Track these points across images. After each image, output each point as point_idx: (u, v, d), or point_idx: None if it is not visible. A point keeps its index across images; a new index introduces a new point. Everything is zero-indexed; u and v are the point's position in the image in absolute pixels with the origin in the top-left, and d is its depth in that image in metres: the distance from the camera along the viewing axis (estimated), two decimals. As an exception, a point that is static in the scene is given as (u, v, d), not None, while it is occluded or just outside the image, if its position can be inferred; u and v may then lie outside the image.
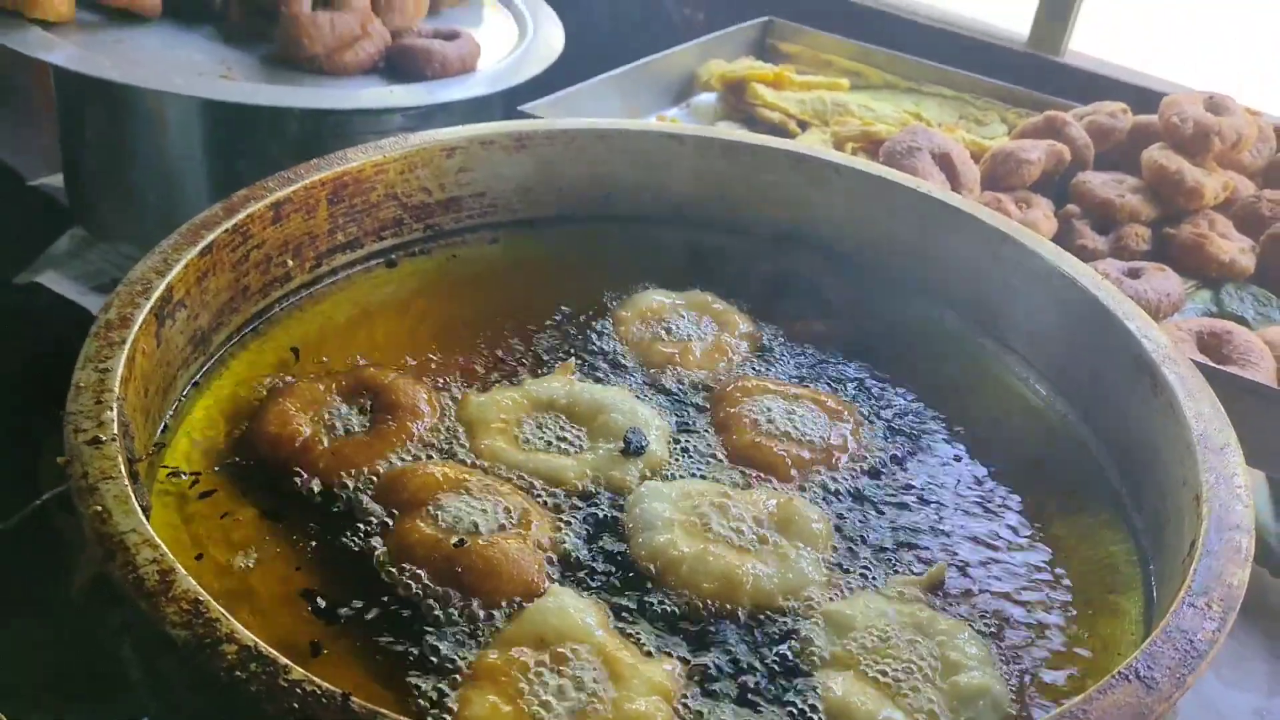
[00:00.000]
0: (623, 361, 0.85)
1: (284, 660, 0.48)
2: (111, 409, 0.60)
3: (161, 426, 0.72)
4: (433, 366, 0.82)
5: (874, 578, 0.68)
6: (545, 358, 0.84)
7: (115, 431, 0.59)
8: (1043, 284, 0.85)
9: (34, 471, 1.56)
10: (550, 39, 1.49)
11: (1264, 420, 0.96)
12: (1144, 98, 1.40)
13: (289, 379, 0.77)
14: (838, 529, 0.72)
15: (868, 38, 1.63)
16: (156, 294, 0.69)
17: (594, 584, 0.65)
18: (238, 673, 0.47)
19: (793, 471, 0.75)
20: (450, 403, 0.78)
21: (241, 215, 0.77)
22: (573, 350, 0.85)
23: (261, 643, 0.48)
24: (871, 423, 0.82)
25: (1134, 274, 1.14)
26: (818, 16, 1.71)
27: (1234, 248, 1.22)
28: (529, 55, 1.43)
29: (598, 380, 0.82)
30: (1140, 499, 0.74)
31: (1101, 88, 1.49)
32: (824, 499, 0.74)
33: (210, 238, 0.75)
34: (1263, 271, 1.21)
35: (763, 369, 0.87)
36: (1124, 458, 0.77)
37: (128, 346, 0.65)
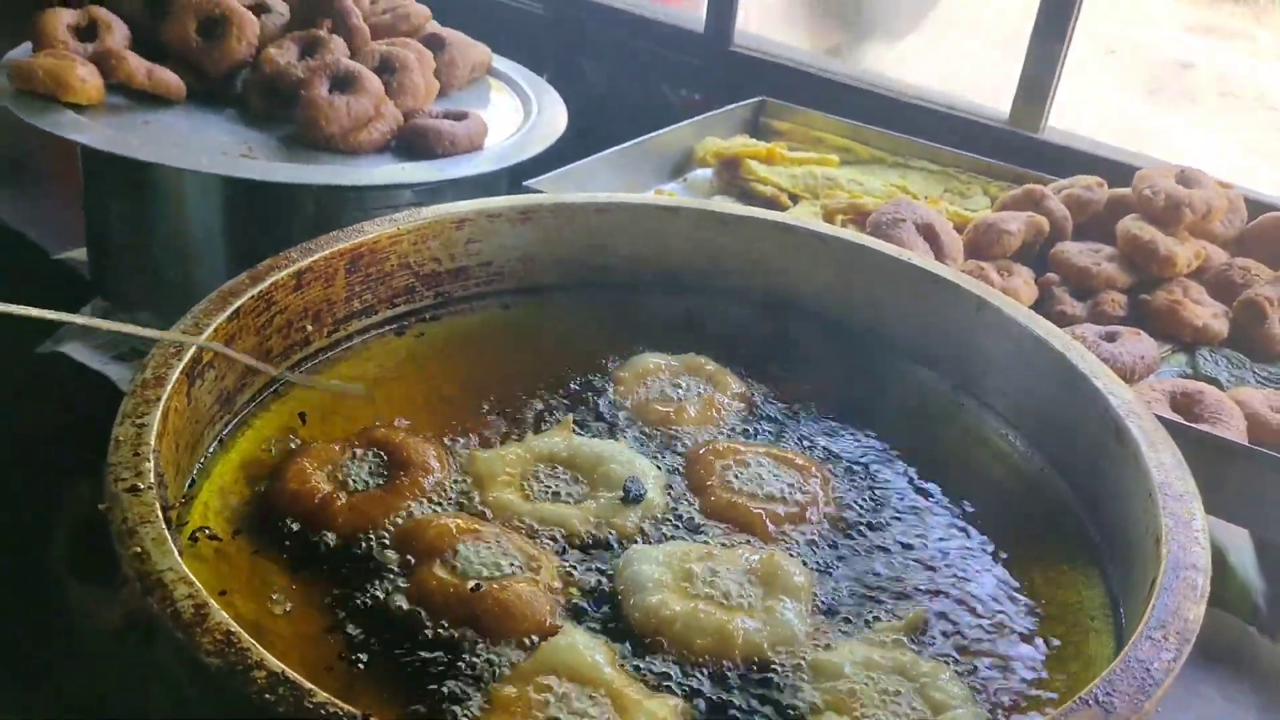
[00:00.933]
0: (621, 419, 0.90)
1: (309, 685, 0.52)
2: (148, 460, 0.65)
3: (189, 480, 0.76)
4: (442, 425, 0.87)
5: (857, 625, 0.73)
6: (548, 416, 0.89)
7: (152, 480, 0.64)
8: (1017, 345, 0.90)
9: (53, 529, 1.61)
10: (554, 118, 1.56)
11: (1234, 475, 1.00)
12: (1120, 171, 1.47)
13: (301, 442, 0.82)
14: (820, 580, 0.76)
15: (857, 116, 1.70)
16: (188, 355, 0.74)
17: (598, 626, 0.70)
18: (267, 695, 0.52)
19: (770, 527, 0.79)
20: (459, 458, 0.83)
21: (266, 283, 0.83)
22: (574, 409, 0.90)
23: (288, 669, 0.53)
24: (851, 477, 0.86)
25: (1110, 338, 1.19)
26: (809, 96, 1.79)
27: (1207, 313, 1.27)
28: (533, 134, 1.50)
29: (598, 437, 0.87)
30: (1111, 545, 0.79)
31: (1079, 162, 1.56)
32: (804, 552, 0.78)
33: (237, 303, 0.80)
34: (1236, 335, 1.27)
35: (753, 426, 0.92)
36: (1095, 507, 0.82)
37: (162, 404, 0.70)
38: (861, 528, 0.81)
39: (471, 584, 0.69)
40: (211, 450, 0.80)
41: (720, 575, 0.73)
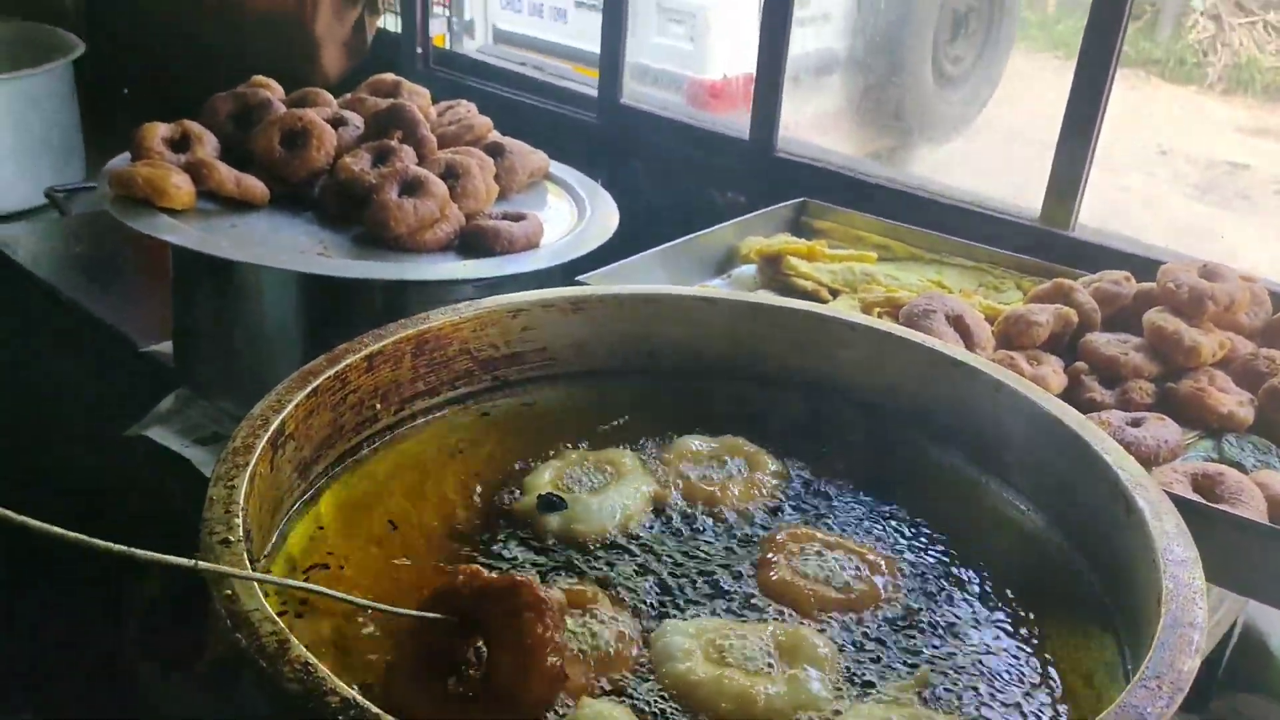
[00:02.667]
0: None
1: (375, 709, 0.59)
2: (238, 518, 0.73)
3: (269, 544, 0.85)
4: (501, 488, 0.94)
5: (877, 689, 0.78)
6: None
7: (241, 535, 0.72)
8: (1034, 424, 0.96)
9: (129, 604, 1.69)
10: (606, 219, 1.66)
11: (1255, 554, 1.04)
12: (1147, 266, 1.53)
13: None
14: (840, 649, 0.81)
15: (894, 215, 1.79)
16: (273, 427, 0.83)
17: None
18: (340, 717, 0.59)
19: (816, 610, 0.85)
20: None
21: (342, 364, 0.92)
22: (619, 483, 0.98)
23: (358, 695, 0.60)
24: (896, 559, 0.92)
25: (1136, 423, 1.24)
26: (849, 197, 1.88)
27: (1233, 400, 1.31)
28: (586, 233, 1.60)
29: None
30: (1123, 611, 0.83)
31: (1108, 258, 1.62)
32: (833, 630, 0.83)
33: (316, 383, 0.89)
34: (1262, 422, 1.31)
35: (789, 504, 0.98)
36: (1108, 575, 0.86)
37: (249, 469, 0.78)
38: (887, 598, 0.87)
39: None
40: (289, 515, 0.88)
41: (746, 646, 0.79)
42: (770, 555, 0.90)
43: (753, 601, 0.85)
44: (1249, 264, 1.50)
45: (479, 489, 0.96)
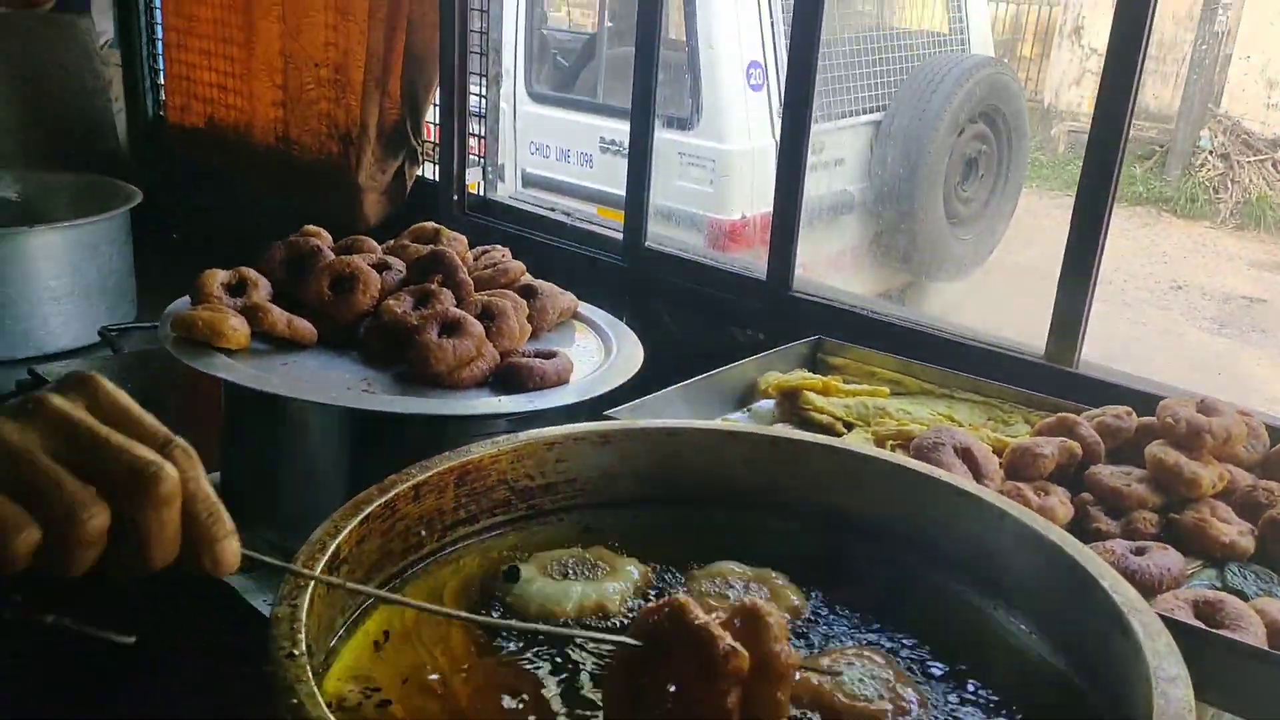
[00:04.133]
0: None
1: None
2: (300, 634, 0.80)
3: (321, 660, 0.91)
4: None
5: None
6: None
7: (303, 649, 0.79)
8: (1036, 552, 1.02)
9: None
10: (631, 356, 1.76)
11: (1255, 679, 1.08)
12: (1149, 401, 1.60)
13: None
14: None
15: (906, 352, 1.88)
16: (329, 551, 0.90)
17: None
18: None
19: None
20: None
21: (391, 494, 1.00)
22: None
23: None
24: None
25: (1140, 552, 1.29)
26: (862, 334, 1.98)
27: (1234, 530, 1.37)
28: (613, 370, 1.70)
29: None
30: (1122, 730, 0.88)
31: (1110, 393, 1.69)
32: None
33: (367, 510, 0.97)
34: (1263, 552, 1.36)
35: (803, 631, 1.04)
36: (1109, 696, 0.91)
37: (309, 590, 0.86)
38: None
39: None
40: (340, 634, 0.95)
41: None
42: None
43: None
44: (1268, 396, 1.57)
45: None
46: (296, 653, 0.78)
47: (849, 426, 1.69)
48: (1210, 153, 9.61)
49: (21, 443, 0.65)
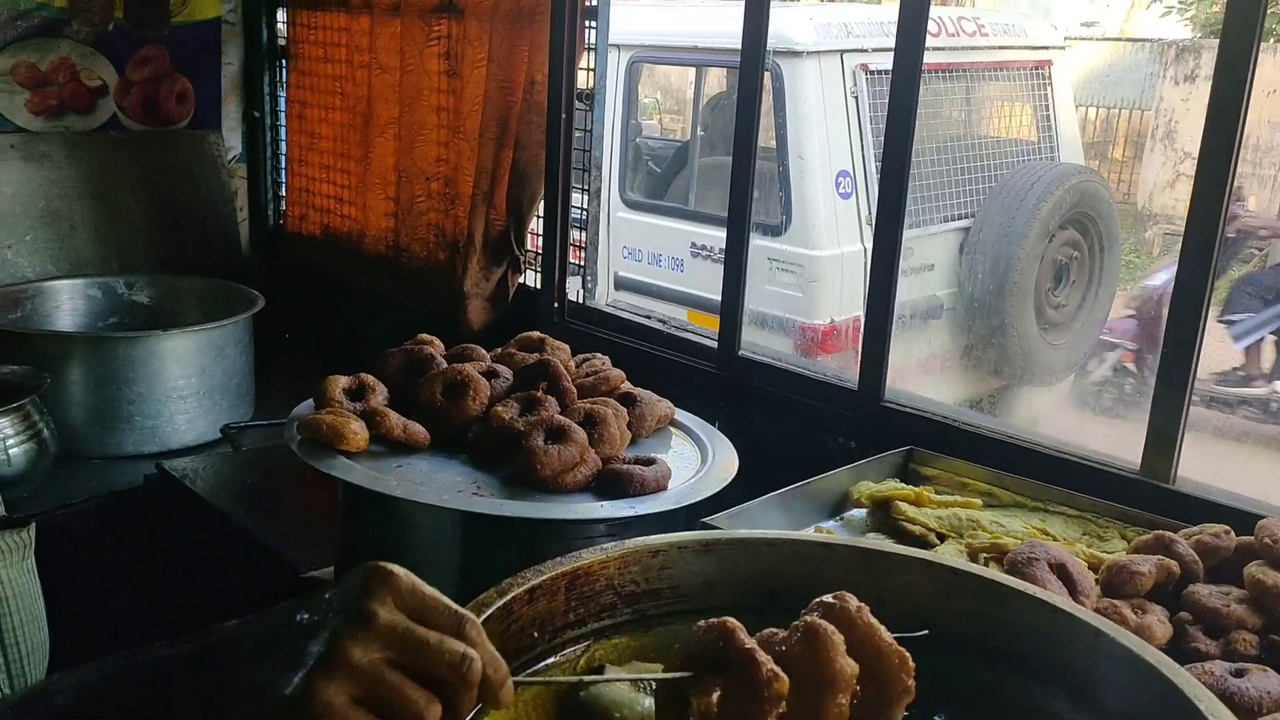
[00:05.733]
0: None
1: None
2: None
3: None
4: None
5: None
6: None
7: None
8: (1131, 672, 1.04)
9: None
10: (726, 463, 1.82)
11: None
12: (1248, 520, 1.60)
13: None
14: None
15: (998, 463, 1.90)
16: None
17: None
18: None
19: None
20: None
21: (509, 596, 1.07)
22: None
23: None
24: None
25: (1239, 674, 1.29)
26: (954, 444, 2.00)
27: (1339, 654, 1.36)
28: (709, 477, 1.76)
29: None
30: None
31: (1208, 510, 1.69)
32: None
33: (488, 612, 1.04)
34: (1370, 676, 1.34)
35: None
36: (1207, 819, 0.92)
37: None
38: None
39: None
40: None
41: None
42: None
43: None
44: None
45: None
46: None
47: (941, 538, 1.71)
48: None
49: (368, 663, 0.77)
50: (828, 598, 0.97)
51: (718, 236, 5.60)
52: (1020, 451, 1.97)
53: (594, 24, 2.68)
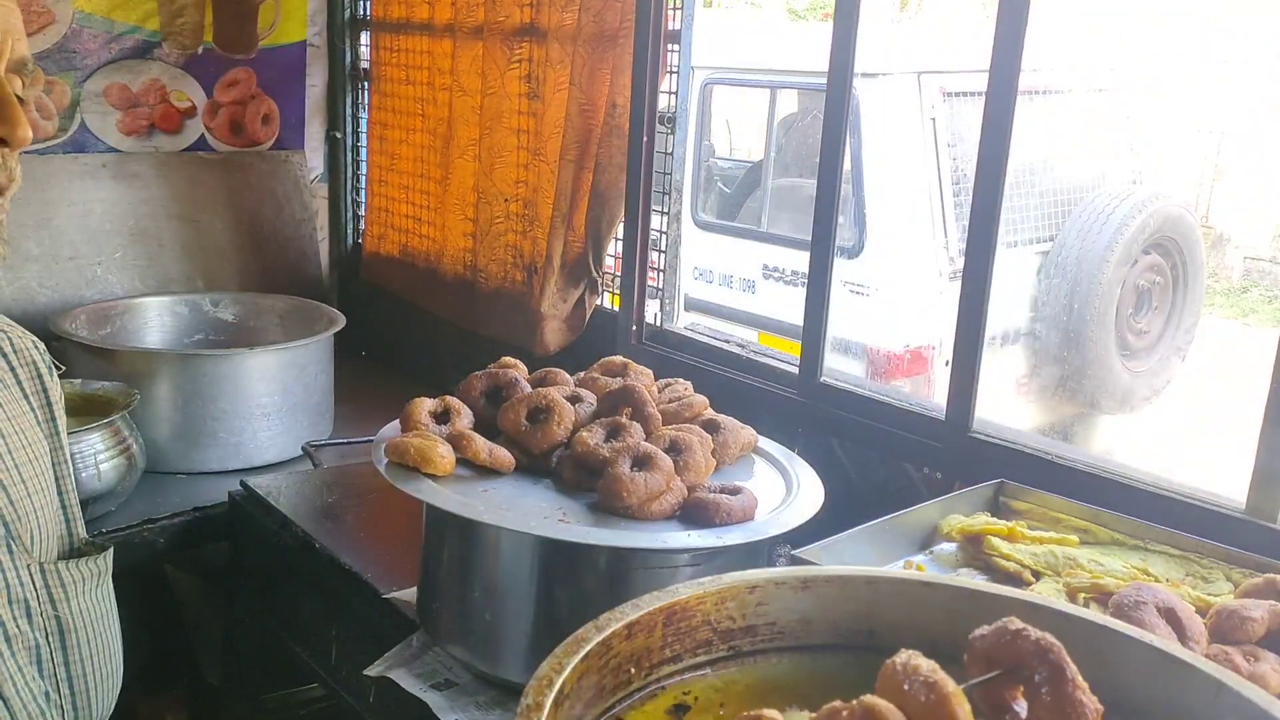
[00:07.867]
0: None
1: None
2: (534, 768, 0.85)
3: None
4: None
5: None
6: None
7: (538, 783, 0.84)
8: (1258, 727, 0.99)
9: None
10: (811, 493, 1.78)
11: None
12: (1365, 564, 1.53)
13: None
14: None
15: (1093, 499, 1.84)
16: (556, 687, 0.96)
17: None
18: None
19: None
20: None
21: (608, 631, 1.05)
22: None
23: None
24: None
25: (1365, 730, 1.22)
26: (1045, 477, 1.95)
27: None
28: (795, 507, 1.72)
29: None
30: None
31: (1321, 554, 1.62)
32: None
33: (587, 648, 1.02)
34: None
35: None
36: None
37: (538, 724, 0.91)
38: None
39: None
40: (557, 767, 0.99)
41: None
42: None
43: None
44: None
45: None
46: (533, 787, 0.83)
47: (1036, 575, 1.66)
48: None
49: None
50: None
51: (790, 258, 5.61)
52: (1117, 487, 1.91)
53: (676, 47, 2.68)
